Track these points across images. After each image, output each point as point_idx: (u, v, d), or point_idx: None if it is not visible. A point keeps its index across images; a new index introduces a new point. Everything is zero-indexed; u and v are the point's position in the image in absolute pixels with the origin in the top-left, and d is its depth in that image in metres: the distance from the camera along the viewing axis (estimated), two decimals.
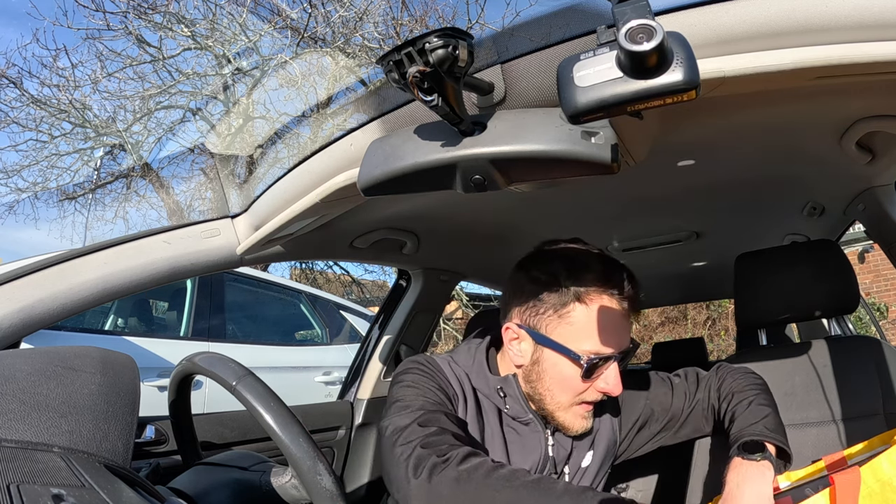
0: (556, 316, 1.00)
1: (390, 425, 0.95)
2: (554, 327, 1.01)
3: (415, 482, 0.85)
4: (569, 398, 1.03)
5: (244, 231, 1.24)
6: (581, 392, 1.02)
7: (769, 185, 1.40)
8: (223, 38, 7.22)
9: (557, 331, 1.00)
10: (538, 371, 1.03)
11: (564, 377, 1.01)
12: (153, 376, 3.04)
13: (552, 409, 1.04)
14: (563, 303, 1.00)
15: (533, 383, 1.04)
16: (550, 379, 1.02)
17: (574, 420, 1.05)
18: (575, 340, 0.99)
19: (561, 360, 1.00)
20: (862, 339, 1.42)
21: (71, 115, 7.37)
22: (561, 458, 1.10)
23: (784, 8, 0.66)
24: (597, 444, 1.15)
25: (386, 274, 10.73)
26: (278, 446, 0.78)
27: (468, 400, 1.05)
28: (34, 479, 0.50)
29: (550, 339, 1.00)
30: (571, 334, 1.00)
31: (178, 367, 0.94)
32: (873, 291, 8.65)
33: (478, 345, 1.13)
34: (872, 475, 0.80)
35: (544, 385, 1.03)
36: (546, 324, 1.01)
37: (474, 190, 0.82)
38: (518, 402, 1.06)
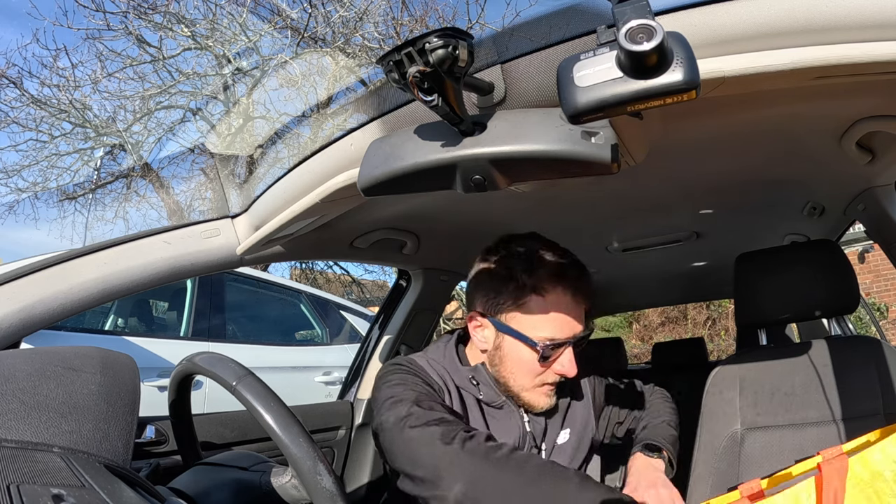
0: (514, 306, 1.10)
1: (391, 417, 1.00)
2: (512, 316, 1.10)
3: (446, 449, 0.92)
4: (529, 380, 1.12)
5: (244, 231, 1.24)
6: (540, 374, 1.12)
7: (769, 186, 1.40)
8: (223, 38, 7.23)
9: (516, 319, 1.10)
10: (500, 356, 1.12)
11: (524, 361, 1.10)
12: (153, 376, 3.04)
13: (517, 390, 1.14)
14: (520, 295, 1.09)
15: (497, 367, 1.14)
16: (511, 363, 1.11)
17: (538, 399, 1.14)
18: (531, 328, 1.08)
19: (519, 346, 1.10)
20: (862, 339, 1.42)
21: (71, 115, 7.38)
22: (538, 433, 1.20)
23: (784, 8, 0.66)
24: (571, 423, 1.25)
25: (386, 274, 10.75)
26: (278, 446, 0.78)
27: (451, 392, 1.13)
28: (34, 479, 0.50)
29: (510, 326, 1.10)
30: (528, 323, 1.09)
31: (178, 367, 0.94)
32: (873, 291, 8.66)
33: (447, 341, 1.22)
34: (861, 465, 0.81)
35: (507, 368, 1.12)
36: (505, 313, 1.11)
37: (474, 190, 0.82)
38: (490, 387, 1.15)
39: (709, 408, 1.43)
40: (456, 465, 0.92)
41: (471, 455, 0.92)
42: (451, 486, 0.90)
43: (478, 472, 0.91)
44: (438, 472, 0.92)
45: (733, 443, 1.36)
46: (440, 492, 0.91)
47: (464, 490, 0.90)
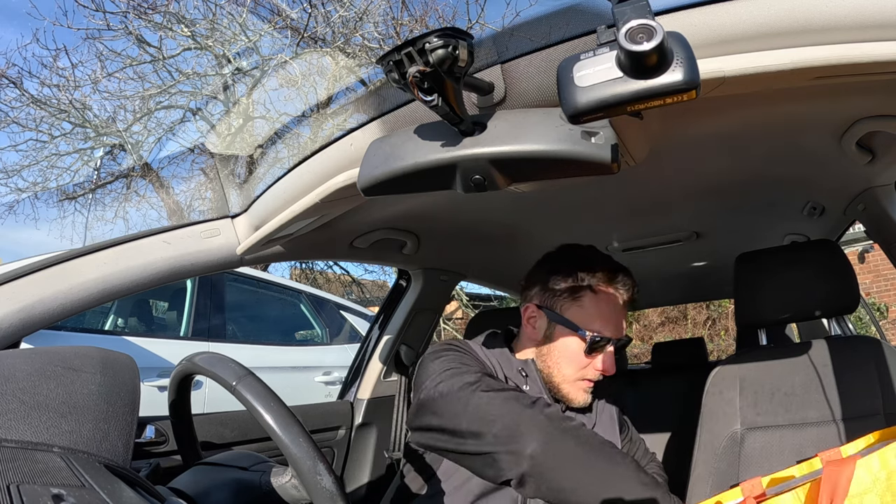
0: (570, 299, 1.22)
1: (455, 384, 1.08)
2: (567, 308, 1.22)
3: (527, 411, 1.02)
4: (573, 372, 1.21)
5: (244, 231, 1.24)
6: (583, 367, 1.22)
7: (769, 185, 1.40)
8: (223, 38, 7.22)
9: (570, 311, 1.22)
10: (549, 345, 1.23)
11: (570, 351, 1.21)
12: (153, 376, 3.04)
13: (559, 381, 1.22)
14: (577, 289, 1.22)
15: (544, 357, 1.23)
16: (559, 353, 1.21)
17: (577, 393, 1.23)
18: (583, 321, 1.20)
19: (569, 336, 1.21)
20: (862, 339, 1.42)
21: (71, 115, 7.37)
22: None
23: (784, 8, 0.66)
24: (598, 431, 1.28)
25: (386, 274, 10.74)
26: (278, 446, 0.78)
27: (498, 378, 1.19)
28: (34, 479, 0.50)
29: (564, 317, 1.22)
30: (581, 315, 1.21)
31: (178, 367, 0.93)
32: (873, 291, 8.66)
33: (497, 335, 1.33)
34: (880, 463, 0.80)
35: (553, 358, 1.22)
36: (561, 305, 1.23)
37: (474, 190, 0.82)
38: (536, 383, 1.22)
39: (709, 408, 1.43)
40: (536, 425, 1.01)
41: (549, 419, 1.02)
42: (529, 444, 0.99)
43: (553, 436, 1.01)
44: (518, 429, 1.00)
45: (733, 443, 1.36)
46: (517, 447, 0.99)
47: (539, 449, 0.98)
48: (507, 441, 1.00)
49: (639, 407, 2.68)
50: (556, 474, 0.98)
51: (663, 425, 2.56)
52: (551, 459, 0.99)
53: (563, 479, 0.98)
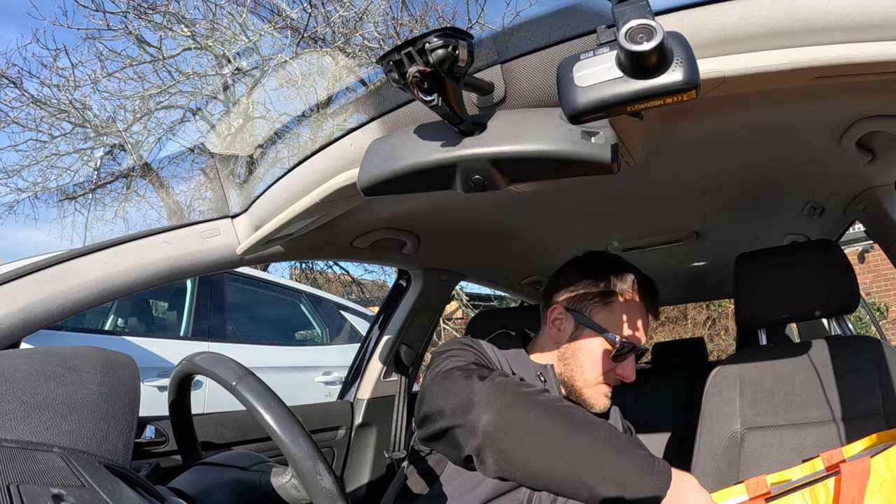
0: (601, 304, 1.21)
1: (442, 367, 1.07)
2: (597, 312, 1.21)
3: (480, 384, 0.98)
4: (595, 376, 1.20)
5: (244, 231, 1.24)
6: (605, 372, 1.20)
7: (769, 185, 1.40)
8: (223, 38, 7.22)
9: (599, 316, 1.21)
10: (574, 348, 1.21)
11: (596, 355, 1.19)
12: (153, 376, 3.04)
13: (581, 385, 1.20)
14: (608, 294, 1.22)
15: (567, 360, 1.21)
16: (584, 356, 1.20)
17: (598, 398, 1.21)
18: (612, 326, 1.20)
19: (596, 340, 1.19)
20: (862, 339, 1.42)
21: (71, 115, 7.37)
22: None
23: (784, 8, 0.66)
24: None
25: (386, 274, 10.74)
26: (278, 446, 0.78)
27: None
28: (34, 479, 0.50)
29: (593, 321, 1.21)
30: (610, 321, 1.20)
31: (178, 367, 0.93)
32: (873, 291, 8.65)
33: (513, 338, 1.30)
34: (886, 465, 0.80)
35: (577, 361, 1.20)
36: (590, 309, 1.22)
37: (474, 190, 0.82)
38: (554, 388, 1.20)
39: (709, 408, 1.43)
40: (488, 395, 0.96)
41: (503, 388, 0.98)
42: (480, 416, 0.94)
43: (508, 405, 0.95)
44: (471, 400, 0.96)
45: (733, 442, 1.37)
46: (470, 418, 0.94)
47: (493, 420, 0.93)
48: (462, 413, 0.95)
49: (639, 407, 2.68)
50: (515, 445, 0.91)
51: (663, 425, 2.56)
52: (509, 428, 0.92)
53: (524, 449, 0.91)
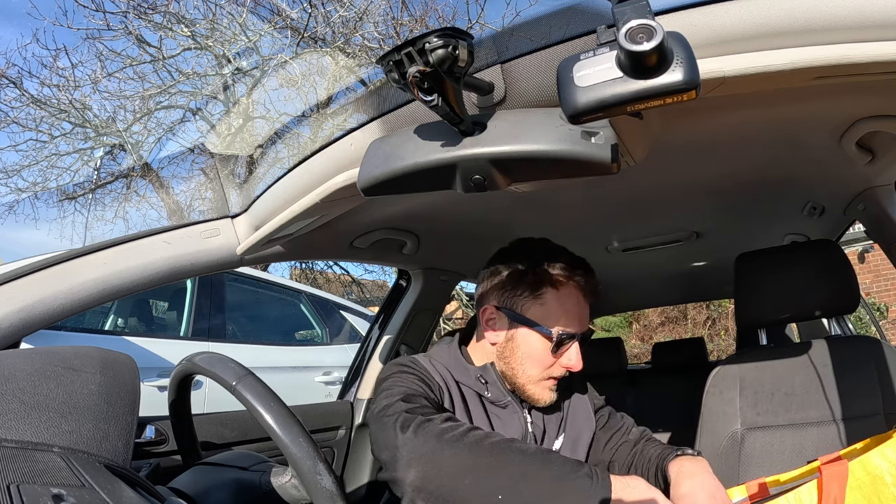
0: (531, 297, 1.15)
1: (376, 407, 1.06)
2: (528, 307, 1.15)
3: (402, 437, 0.95)
4: (538, 372, 1.16)
5: (244, 231, 1.24)
6: (548, 367, 1.16)
7: (769, 185, 1.40)
8: (223, 38, 7.22)
9: (531, 310, 1.15)
10: (512, 347, 1.16)
11: (536, 351, 1.15)
12: (153, 376, 3.04)
13: (523, 382, 1.16)
14: (538, 287, 1.15)
15: (507, 359, 1.17)
16: (523, 354, 1.15)
17: (542, 392, 1.17)
18: (546, 319, 1.14)
19: (533, 335, 1.14)
20: (862, 339, 1.42)
21: (71, 115, 7.37)
22: (539, 434, 1.21)
23: (784, 8, 0.66)
24: (568, 430, 1.25)
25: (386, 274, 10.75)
26: (278, 446, 0.78)
27: (452, 392, 1.16)
28: (34, 479, 0.50)
29: (525, 317, 1.15)
30: (543, 313, 1.15)
31: (178, 367, 0.94)
32: (873, 291, 8.65)
33: (449, 342, 1.26)
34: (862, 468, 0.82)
35: (517, 360, 1.16)
36: (521, 304, 1.16)
37: (474, 190, 0.82)
38: (497, 387, 1.18)
39: (709, 408, 1.43)
40: (410, 449, 0.93)
41: (424, 439, 0.94)
42: (406, 474, 0.92)
43: (431, 456, 0.93)
44: (395, 456, 0.94)
45: (733, 442, 1.37)
46: (398, 475, 0.93)
47: (418, 476, 0.92)
48: (391, 469, 0.95)
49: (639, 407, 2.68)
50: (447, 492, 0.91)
51: (663, 425, 2.56)
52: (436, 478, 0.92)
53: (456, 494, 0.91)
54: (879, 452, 0.82)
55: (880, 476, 0.80)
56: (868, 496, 0.81)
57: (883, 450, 0.81)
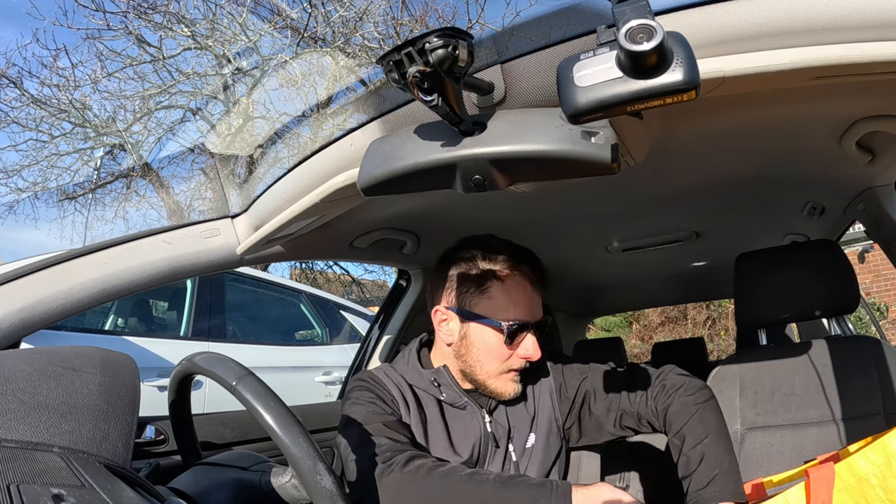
0: (478, 293, 1.16)
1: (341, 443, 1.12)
2: (476, 303, 1.16)
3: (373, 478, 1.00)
4: (496, 366, 1.16)
5: (244, 231, 1.24)
6: (506, 359, 1.16)
7: (769, 185, 1.40)
8: (223, 38, 7.23)
9: (479, 306, 1.16)
10: (466, 345, 1.17)
11: (490, 346, 1.15)
12: (153, 376, 3.04)
13: (483, 378, 1.17)
14: (482, 281, 1.16)
15: (463, 357, 1.18)
16: (478, 350, 1.16)
17: (504, 385, 1.17)
18: (495, 312, 1.14)
19: (485, 330, 1.15)
20: (862, 339, 1.42)
21: (71, 115, 7.38)
22: (501, 434, 1.21)
23: (784, 8, 0.66)
24: (539, 426, 1.24)
25: (386, 274, 10.75)
26: (278, 446, 0.78)
27: (408, 400, 1.17)
28: (34, 479, 0.50)
29: (474, 313, 1.16)
30: (492, 307, 1.15)
31: (178, 367, 0.93)
32: (873, 291, 8.66)
33: (410, 349, 1.27)
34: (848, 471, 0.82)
35: (473, 357, 1.16)
36: (469, 301, 1.17)
37: (474, 190, 0.82)
38: (452, 389, 1.19)
39: None
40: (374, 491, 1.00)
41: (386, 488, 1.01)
42: None
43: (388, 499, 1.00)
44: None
45: (733, 442, 1.36)
46: None
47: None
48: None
49: None
50: None
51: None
52: None
53: None
54: (864, 455, 0.82)
55: (866, 478, 0.81)
56: (855, 498, 0.81)
57: (867, 453, 0.82)
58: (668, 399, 1.18)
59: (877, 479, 0.80)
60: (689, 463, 1.08)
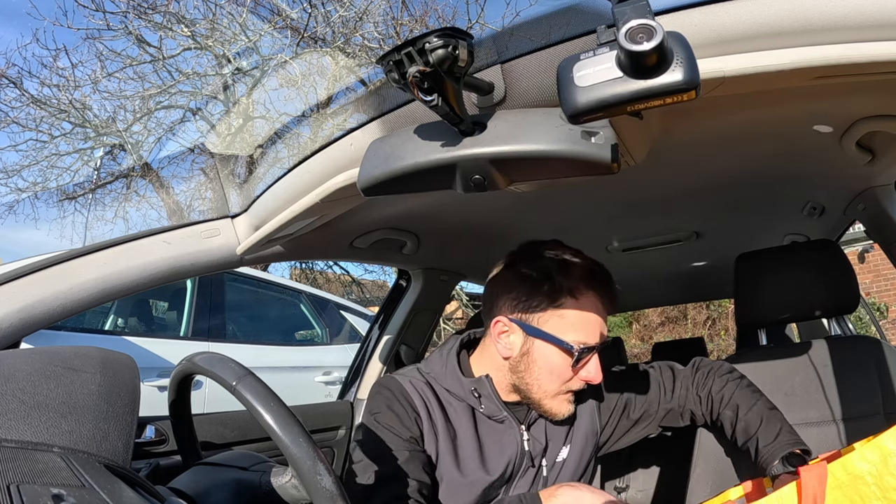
0: (549, 309, 1.07)
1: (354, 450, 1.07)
2: (546, 320, 1.07)
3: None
4: (556, 386, 1.09)
5: (244, 231, 1.24)
6: (567, 381, 1.09)
7: (769, 185, 1.40)
8: (223, 38, 7.22)
9: (549, 323, 1.07)
10: (527, 362, 1.09)
11: (553, 366, 1.08)
12: (153, 376, 3.04)
13: (539, 397, 1.10)
14: (555, 297, 1.07)
15: (521, 374, 1.10)
16: (539, 369, 1.08)
17: (560, 406, 1.11)
18: (565, 331, 1.06)
19: (551, 350, 1.07)
20: (862, 339, 1.42)
21: (71, 115, 7.38)
22: (537, 451, 1.15)
23: (784, 8, 0.66)
24: (574, 438, 1.20)
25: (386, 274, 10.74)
26: (278, 446, 0.78)
27: (433, 414, 1.11)
28: (34, 479, 0.50)
29: (542, 330, 1.07)
30: (563, 326, 1.07)
31: (178, 367, 0.93)
32: (873, 291, 8.65)
33: (448, 350, 1.19)
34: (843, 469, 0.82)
35: (532, 375, 1.09)
36: (538, 317, 1.08)
37: (474, 190, 0.82)
38: (492, 401, 1.12)
39: None
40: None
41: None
42: None
43: None
44: None
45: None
46: None
47: None
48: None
49: None
50: None
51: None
52: None
53: None
54: (859, 454, 0.82)
55: (861, 476, 0.81)
56: (850, 495, 0.81)
57: (863, 451, 0.82)
58: (707, 382, 1.24)
59: (872, 476, 0.80)
60: (749, 427, 1.14)
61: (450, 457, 1.09)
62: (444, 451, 1.09)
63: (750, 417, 1.14)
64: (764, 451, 1.09)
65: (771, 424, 1.12)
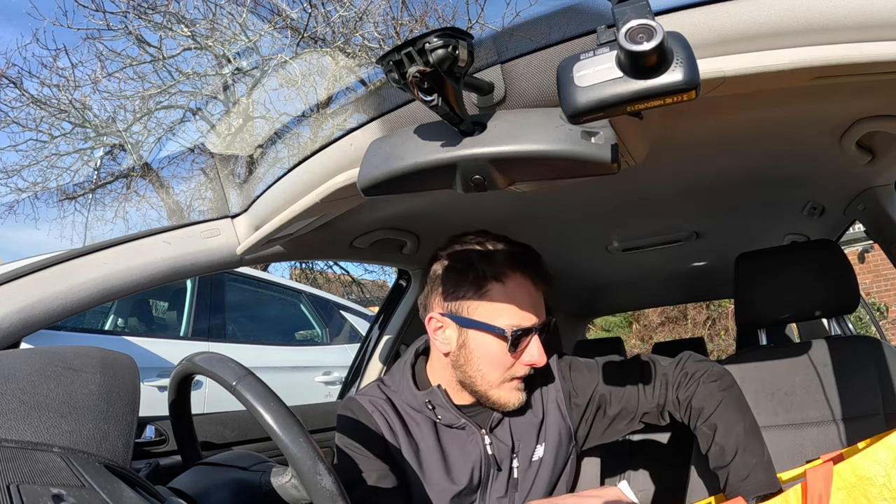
0: (476, 297, 1.06)
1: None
2: (475, 308, 1.06)
3: None
4: (499, 375, 1.07)
5: (244, 231, 1.24)
6: (509, 367, 1.07)
7: (769, 185, 1.40)
8: (223, 38, 7.23)
9: (479, 311, 1.06)
10: (466, 354, 1.07)
11: (492, 354, 1.06)
12: (153, 376, 3.04)
13: (484, 388, 1.08)
14: (481, 284, 1.06)
15: (462, 367, 1.08)
16: (479, 359, 1.07)
17: (508, 395, 1.09)
18: (496, 317, 1.05)
19: (486, 338, 1.05)
20: (862, 339, 1.42)
21: (71, 115, 7.38)
22: (503, 455, 1.13)
23: (784, 8, 0.66)
24: (548, 435, 1.16)
25: (386, 274, 10.76)
26: (278, 446, 0.78)
27: (395, 430, 1.10)
28: (34, 479, 0.50)
29: (473, 319, 1.06)
30: (492, 312, 1.05)
31: (178, 367, 0.93)
32: (873, 291, 8.66)
33: (404, 363, 1.18)
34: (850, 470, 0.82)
35: (473, 367, 1.07)
36: (467, 306, 1.06)
37: (474, 190, 0.82)
38: (448, 410, 1.10)
39: None
40: None
41: None
42: None
43: None
44: None
45: None
46: None
47: None
48: None
49: None
50: None
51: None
52: None
53: None
54: (868, 455, 0.82)
55: (869, 477, 0.81)
56: (856, 496, 0.81)
57: (872, 452, 0.82)
58: (690, 387, 1.14)
59: (883, 478, 0.80)
60: (724, 453, 1.06)
61: (415, 471, 1.08)
62: (409, 466, 1.08)
63: (727, 443, 1.06)
64: (733, 486, 1.03)
65: (747, 457, 1.04)
